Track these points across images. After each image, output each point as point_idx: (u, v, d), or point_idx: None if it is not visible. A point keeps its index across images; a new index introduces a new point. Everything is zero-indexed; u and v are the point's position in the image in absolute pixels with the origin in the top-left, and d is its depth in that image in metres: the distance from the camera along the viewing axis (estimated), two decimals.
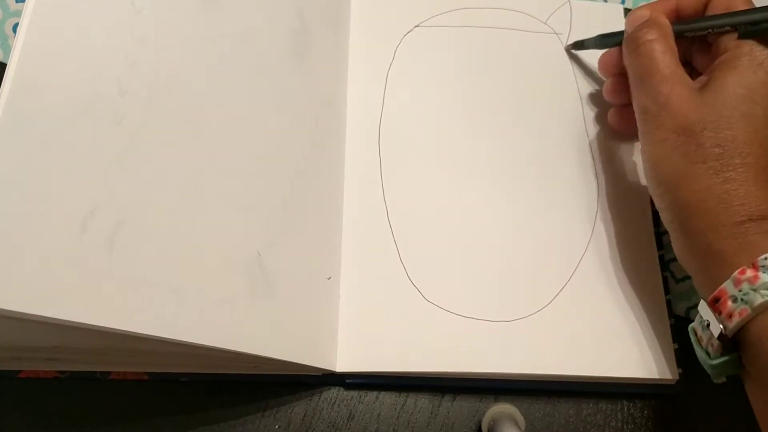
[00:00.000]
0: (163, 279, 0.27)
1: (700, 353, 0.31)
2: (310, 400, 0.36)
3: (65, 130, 0.24)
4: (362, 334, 0.36)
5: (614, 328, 0.37)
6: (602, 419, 0.37)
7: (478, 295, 0.37)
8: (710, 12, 0.36)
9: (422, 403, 0.37)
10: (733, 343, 0.29)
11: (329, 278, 0.37)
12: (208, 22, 0.32)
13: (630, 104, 0.36)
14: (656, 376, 0.36)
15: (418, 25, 0.44)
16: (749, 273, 0.28)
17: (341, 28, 0.43)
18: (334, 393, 0.37)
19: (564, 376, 0.36)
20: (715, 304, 0.29)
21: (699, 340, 0.31)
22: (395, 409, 0.36)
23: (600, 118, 0.43)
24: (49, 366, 0.35)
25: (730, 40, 0.34)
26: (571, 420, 0.36)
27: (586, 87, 0.44)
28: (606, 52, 0.40)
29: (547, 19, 0.45)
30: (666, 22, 0.35)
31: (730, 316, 0.28)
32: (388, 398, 0.37)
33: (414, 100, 0.42)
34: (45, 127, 0.23)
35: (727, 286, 0.29)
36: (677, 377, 0.36)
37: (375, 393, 0.37)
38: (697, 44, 0.37)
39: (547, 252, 0.38)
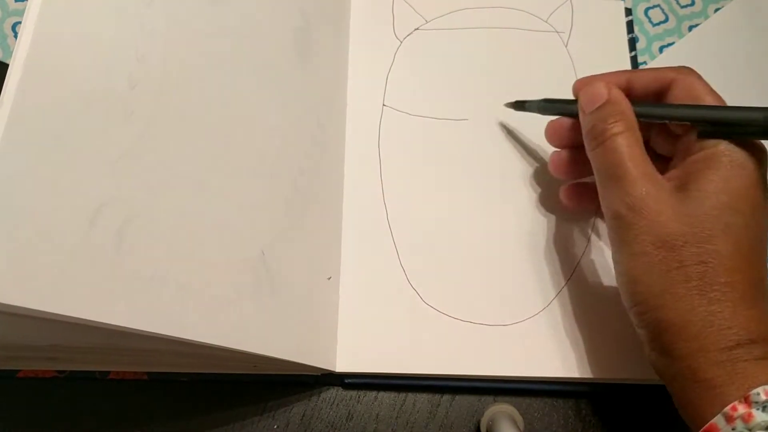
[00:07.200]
0: (170, 276, 0.26)
1: None
2: (309, 400, 0.36)
3: (75, 123, 0.24)
4: (361, 334, 0.36)
5: (611, 330, 0.37)
6: (601, 419, 0.37)
7: (476, 298, 0.37)
8: (672, 99, 0.32)
9: (421, 403, 0.37)
10: None
11: (329, 278, 0.37)
12: (214, 17, 0.32)
13: (584, 180, 0.34)
14: (656, 377, 0.36)
15: (417, 29, 0.44)
16: (741, 409, 0.26)
17: (342, 30, 0.43)
18: (332, 393, 0.37)
19: (563, 378, 0.36)
20: None
21: None
22: (394, 409, 0.36)
23: None
24: (48, 365, 0.35)
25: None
26: (570, 420, 0.36)
27: None
28: (554, 121, 0.36)
29: (548, 17, 0.45)
30: (629, 108, 0.31)
31: None
32: (386, 398, 0.37)
33: (414, 101, 0.42)
34: (54, 120, 0.23)
35: (719, 422, 0.26)
36: None
37: (374, 393, 0.37)
38: (656, 126, 0.34)
39: (546, 255, 0.38)
